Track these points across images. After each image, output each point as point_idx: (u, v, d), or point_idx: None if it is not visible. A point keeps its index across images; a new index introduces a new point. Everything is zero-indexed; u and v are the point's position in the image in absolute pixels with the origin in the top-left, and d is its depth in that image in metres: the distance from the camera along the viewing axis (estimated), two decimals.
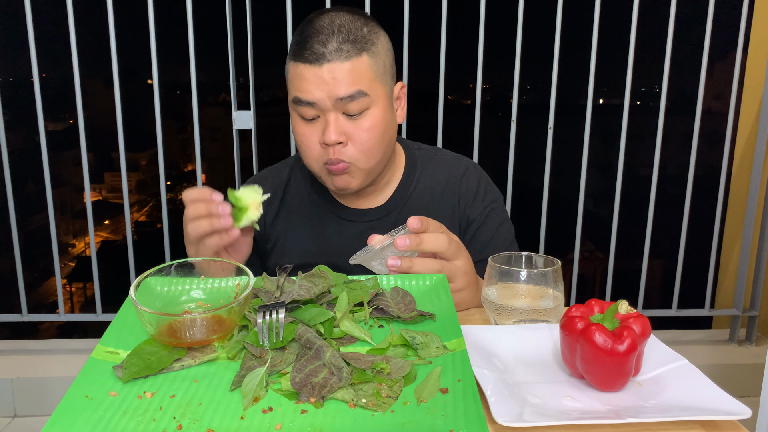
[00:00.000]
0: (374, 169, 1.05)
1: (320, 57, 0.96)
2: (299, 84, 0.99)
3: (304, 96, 0.98)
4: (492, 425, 0.57)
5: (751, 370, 2.17)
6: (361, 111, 0.99)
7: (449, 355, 0.65)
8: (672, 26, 2.03)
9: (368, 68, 0.99)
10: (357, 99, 0.98)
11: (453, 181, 1.17)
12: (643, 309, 2.27)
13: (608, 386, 0.64)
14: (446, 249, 0.89)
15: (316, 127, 1.01)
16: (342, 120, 0.99)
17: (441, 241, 0.89)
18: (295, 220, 1.16)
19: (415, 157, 1.19)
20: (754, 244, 2.25)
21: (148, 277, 0.75)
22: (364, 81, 0.99)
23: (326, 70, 0.96)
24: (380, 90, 1.02)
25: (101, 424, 0.54)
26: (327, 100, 0.97)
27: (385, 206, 1.15)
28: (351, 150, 1.01)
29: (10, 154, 1.99)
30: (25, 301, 2.11)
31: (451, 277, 0.90)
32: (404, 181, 1.16)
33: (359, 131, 1.00)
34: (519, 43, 1.99)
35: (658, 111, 2.10)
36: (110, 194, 24.41)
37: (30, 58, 1.93)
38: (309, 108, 0.99)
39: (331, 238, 1.14)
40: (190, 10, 1.90)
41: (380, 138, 1.02)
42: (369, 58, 0.99)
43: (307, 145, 1.02)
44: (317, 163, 1.03)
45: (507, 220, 1.20)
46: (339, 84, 0.96)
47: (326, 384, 0.59)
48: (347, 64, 0.96)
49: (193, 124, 2.01)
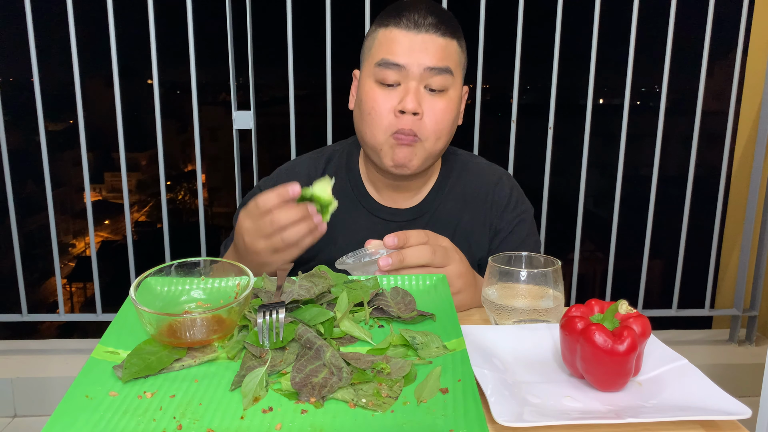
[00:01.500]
0: (435, 154, 1.05)
1: (419, 25, 0.98)
2: (390, 47, 0.99)
3: (394, 58, 0.99)
4: (492, 425, 0.57)
5: (751, 370, 2.17)
6: (442, 89, 1.01)
7: (449, 355, 0.65)
8: (672, 26, 2.03)
9: (456, 53, 1.03)
10: (443, 74, 0.99)
11: (486, 189, 1.16)
12: (643, 309, 2.27)
13: (608, 386, 0.64)
14: (432, 259, 0.88)
15: (393, 95, 1.00)
16: (422, 92, 1.00)
17: (424, 253, 0.87)
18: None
19: (452, 161, 1.18)
20: (754, 244, 2.25)
21: (148, 277, 0.75)
22: (452, 61, 1.01)
23: (421, 40, 0.98)
24: (459, 79, 1.05)
25: (101, 424, 0.54)
26: (416, 66, 0.98)
27: (418, 208, 1.14)
28: (425, 125, 1.00)
29: (10, 154, 1.99)
30: (25, 301, 2.11)
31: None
32: (438, 185, 1.15)
33: (436, 108, 1.00)
34: (519, 43, 2.00)
35: (658, 111, 2.10)
36: (110, 194, 24.41)
37: (30, 58, 1.93)
38: (394, 72, 0.99)
39: (360, 234, 1.11)
40: (190, 10, 1.90)
41: (451, 123, 1.04)
42: (458, 45, 1.03)
43: (379, 111, 1.01)
44: (384, 132, 1.01)
45: (535, 233, 1.19)
46: (431, 54, 0.98)
47: (326, 384, 0.59)
48: (442, 40, 0.99)
49: (193, 124, 2.01)
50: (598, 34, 2.02)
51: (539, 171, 2.10)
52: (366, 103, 1.02)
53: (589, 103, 2.08)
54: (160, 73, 1.97)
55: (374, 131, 1.02)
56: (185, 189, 26.94)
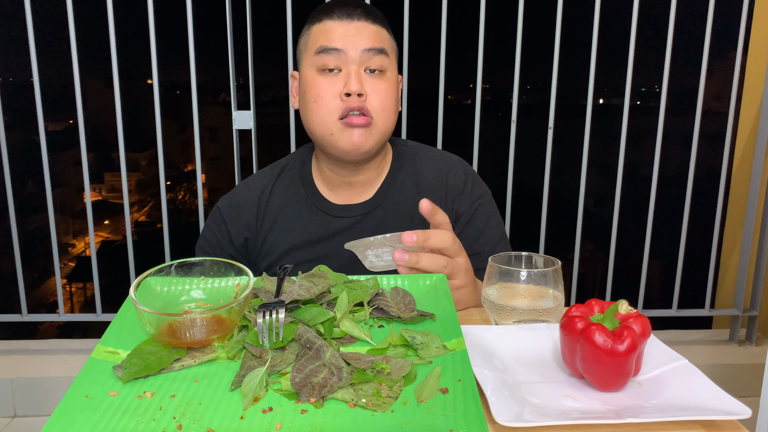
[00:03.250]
0: (386, 133, 1.08)
1: (351, 15, 1.04)
2: (327, 35, 1.04)
3: (332, 44, 1.03)
4: (492, 425, 0.57)
5: (751, 370, 2.17)
6: (382, 69, 1.05)
7: (449, 355, 0.65)
8: (672, 26, 2.02)
9: (388, 39, 1.09)
10: (380, 55, 1.05)
11: (439, 177, 1.17)
12: (643, 309, 2.27)
13: (608, 386, 0.64)
14: (451, 245, 0.90)
15: (336, 80, 1.04)
16: (363, 75, 1.04)
17: (446, 237, 0.89)
18: (283, 217, 1.16)
19: (402, 152, 1.20)
20: (754, 244, 2.24)
21: (148, 277, 0.75)
22: (387, 45, 1.07)
23: (355, 26, 1.04)
24: (394, 63, 1.10)
25: (101, 424, 0.54)
26: (353, 49, 1.03)
27: (372, 201, 1.15)
28: (372, 103, 1.04)
29: (10, 154, 1.99)
30: (25, 301, 2.11)
31: (454, 273, 0.90)
32: (390, 177, 1.17)
33: (378, 88, 1.04)
34: (519, 43, 1.99)
35: (658, 111, 2.10)
36: (110, 194, 24.39)
37: (30, 58, 1.93)
38: (333, 57, 1.03)
39: (319, 233, 1.14)
40: (190, 10, 1.90)
41: (395, 102, 1.08)
42: (388, 33, 1.10)
43: (324, 97, 1.04)
44: (332, 116, 1.04)
45: (496, 214, 1.20)
46: (366, 38, 1.04)
47: (326, 384, 0.59)
48: (374, 26, 1.05)
49: (193, 124, 2.01)
50: (598, 34, 2.02)
51: (539, 171, 2.10)
52: (310, 93, 1.05)
53: (589, 103, 2.08)
54: (160, 73, 1.97)
55: (322, 117, 1.05)
56: (185, 189, 26.94)
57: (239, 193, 1.20)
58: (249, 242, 1.17)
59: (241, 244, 1.17)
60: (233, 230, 1.17)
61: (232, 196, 1.20)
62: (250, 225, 1.17)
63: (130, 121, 2.04)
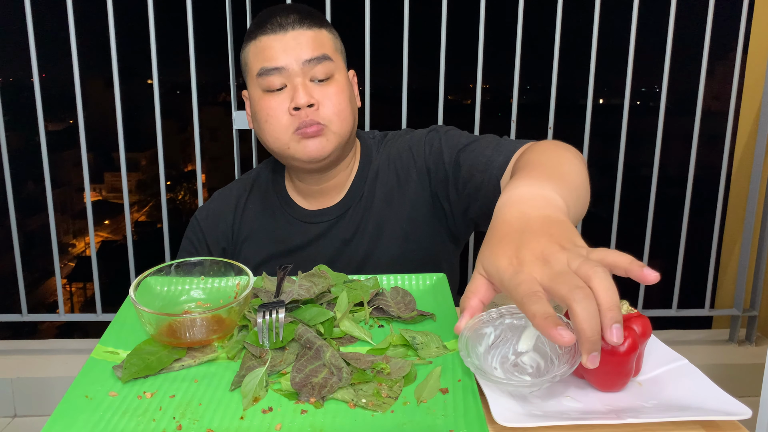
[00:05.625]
0: (345, 135, 1.04)
1: (284, 26, 1.00)
2: (264, 54, 1.01)
3: (271, 63, 1.00)
4: (492, 425, 0.57)
5: (751, 370, 2.17)
6: (327, 76, 1.02)
7: (449, 355, 0.65)
8: (672, 26, 2.02)
9: (329, 39, 1.05)
10: (323, 62, 1.01)
11: (402, 145, 1.15)
12: (643, 309, 2.27)
13: (608, 386, 0.64)
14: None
15: (283, 97, 1.01)
16: (310, 85, 1.01)
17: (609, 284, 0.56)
18: (259, 228, 1.16)
19: (369, 146, 1.17)
20: (754, 244, 2.24)
21: (147, 277, 0.75)
22: (328, 48, 1.03)
23: (291, 37, 1.00)
24: (341, 63, 1.07)
25: (101, 424, 0.54)
26: (294, 63, 0.99)
27: (343, 202, 1.13)
28: (324, 111, 1.01)
29: (10, 154, 1.99)
30: (25, 301, 2.11)
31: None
32: (360, 172, 1.14)
33: (328, 95, 1.01)
34: (519, 43, 1.99)
35: (658, 111, 2.10)
36: (110, 194, 24.40)
37: (30, 58, 1.93)
38: (276, 76, 1.00)
39: (295, 242, 1.13)
40: (190, 10, 1.90)
41: (348, 103, 1.04)
42: (328, 32, 1.05)
43: (275, 116, 1.01)
44: (286, 132, 1.01)
45: (451, 128, 1.15)
46: (304, 48, 1.00)
47: (326, 384, 0.59)
48: (310, 32, 1.01)
49: (193, 124, 2.01)
50: (598, 34, 2.02)
51: None
52: (261, 113, 1.03)
53: (589, 103, 2.07)
54: (160, 73, 1.97)
55: (276, 134, 1.02)
56: (185, 189, 26.94)
57: (216, 204, 1.19)
58: (227, 253, 1.17)
59: (220, 254, 1.17)
60: (211, 241, 1.17)
61: (209, 207, 1.20)
62: (227, 235, 1.17)
63: (130, 121, 2.04)
